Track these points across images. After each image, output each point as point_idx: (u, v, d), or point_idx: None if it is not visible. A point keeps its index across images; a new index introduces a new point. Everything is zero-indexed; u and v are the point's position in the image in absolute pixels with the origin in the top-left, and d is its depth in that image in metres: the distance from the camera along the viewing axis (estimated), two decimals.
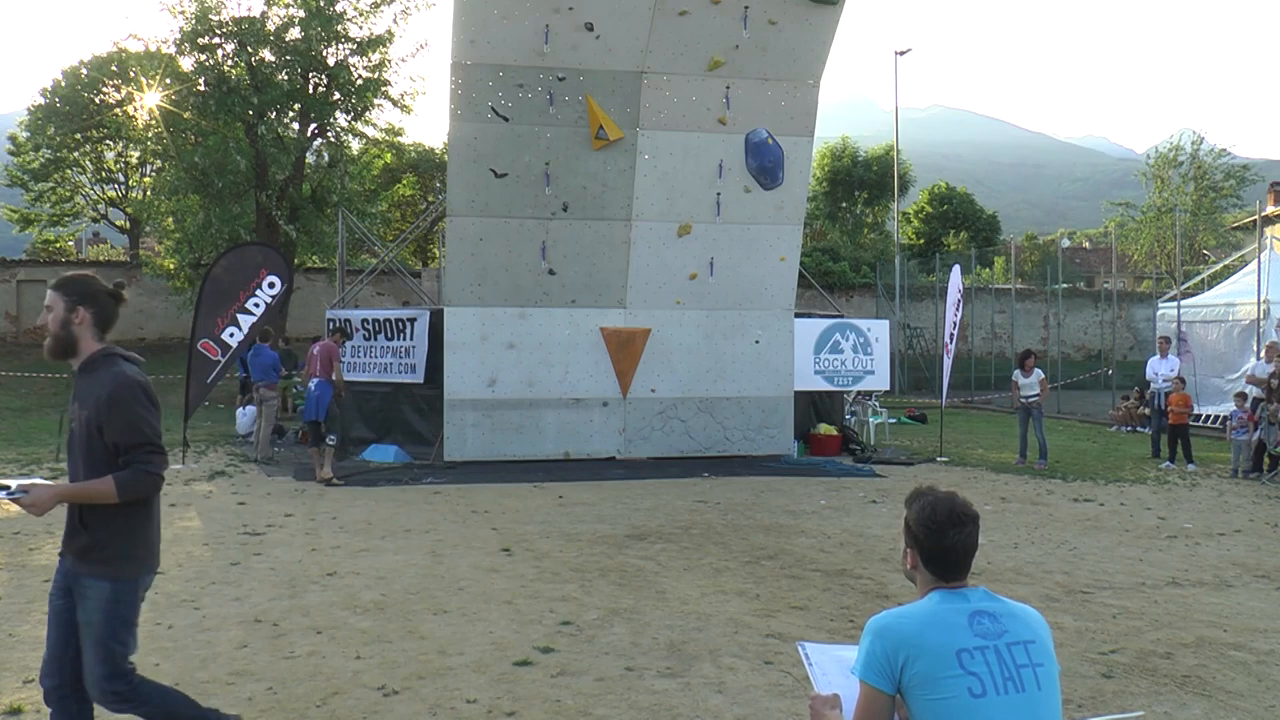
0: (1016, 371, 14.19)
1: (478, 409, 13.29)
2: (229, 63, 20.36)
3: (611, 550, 8.12)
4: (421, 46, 22.14)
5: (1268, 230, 27.84)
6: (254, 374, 13.71)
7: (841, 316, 15.94)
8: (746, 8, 12.69)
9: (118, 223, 35.48)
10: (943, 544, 2.41)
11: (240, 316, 13.09)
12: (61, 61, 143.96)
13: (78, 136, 31.37)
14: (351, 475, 12.10)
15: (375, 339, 14.20)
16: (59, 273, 3.75)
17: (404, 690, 4.86)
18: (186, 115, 20.90)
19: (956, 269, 15.88)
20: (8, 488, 3.32)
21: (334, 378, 12.09)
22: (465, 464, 12.98)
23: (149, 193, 29.39)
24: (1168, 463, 13.83)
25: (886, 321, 16.35)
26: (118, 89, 30.61)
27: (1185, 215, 36.68)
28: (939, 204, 46.23)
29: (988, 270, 38.87)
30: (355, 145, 24.64)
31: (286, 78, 20.65)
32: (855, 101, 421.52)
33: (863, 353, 15.05)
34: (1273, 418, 12.80)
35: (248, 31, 19.72)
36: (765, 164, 13.67)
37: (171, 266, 23.33)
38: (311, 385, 12.07)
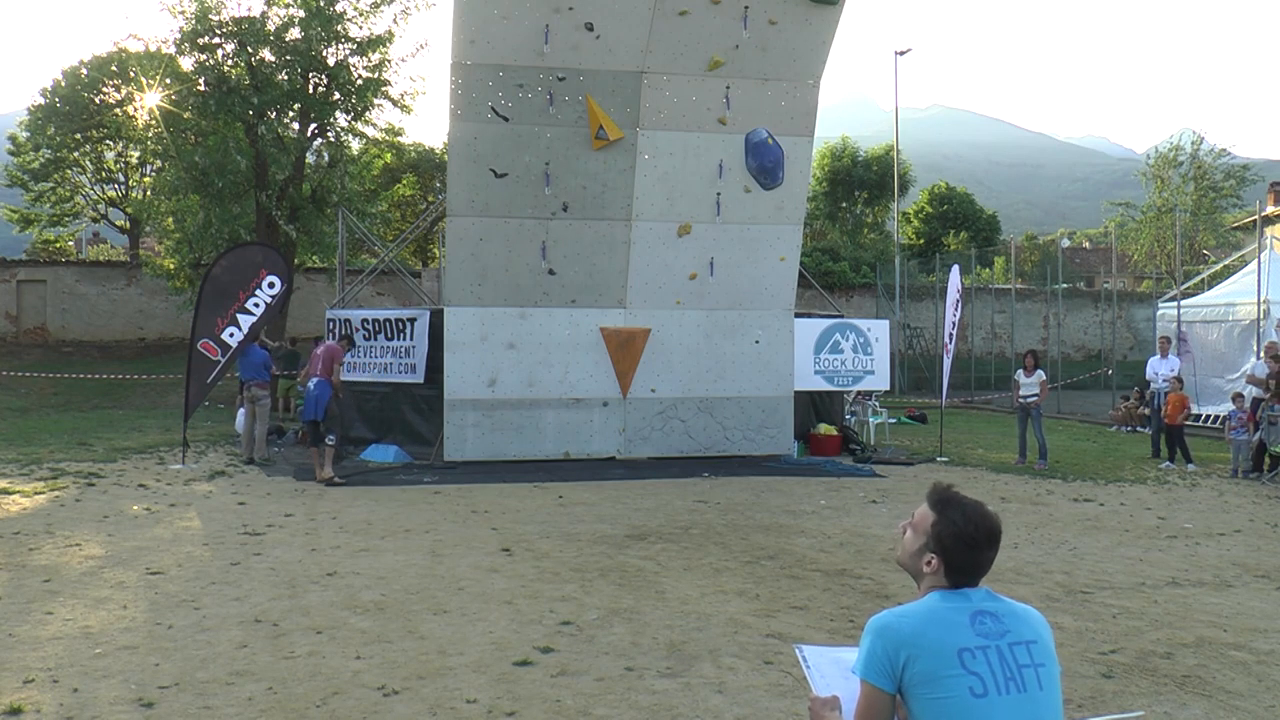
0: (1019, 371, 14.21)
1: (478, 409, 13.29)
2: (229, 63, 20.32)
3: (611, 550, 8.12)
4: (421, 46, 22.08)
5: (1268, 230, 27.83)
6: (244, 373, 13.63)
7: (841, 316, 15.93)
8: (746, 8, 12.69)
9: (118, 223, 35.45)
10: (975, 560, 2.39)
11: (240, 316, 13.09)
12: (61, 61, 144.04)
13: (78, 136, 31.34)
14: (351, 475, 12.09)
15: (375, 339, 14.20)
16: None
17: (404, 690, 4.85)
18: (186, 115, 20.87)
19: (955, 269, 15.88)
20: None
21: (333, 379, 12.05)
22: (465, 464, 12.98)
23: (149, 193, 29.35)
24: (1168, 463, 13.83)
25: (886, 321, 16.34)
26: (118, 89, 30.57)
27: (1185, 215, 36.69)
28: (939, 204, 46.20)
29: (988, 270, 38.86)
30: (355, 145, 24.59)
31: (286, 78, 20.61)
32: (855, 101, 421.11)
33: (863, 353, 15.05)
34: (1273, 417, 12.80)
35: (248, 31, 19.69)
36: (765, 164, 13.67)
37: (171, 266, 23.30)
38: (311, 385, 12.06)
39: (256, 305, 13.19)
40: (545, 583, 7.00)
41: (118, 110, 29.55)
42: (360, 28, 20.99)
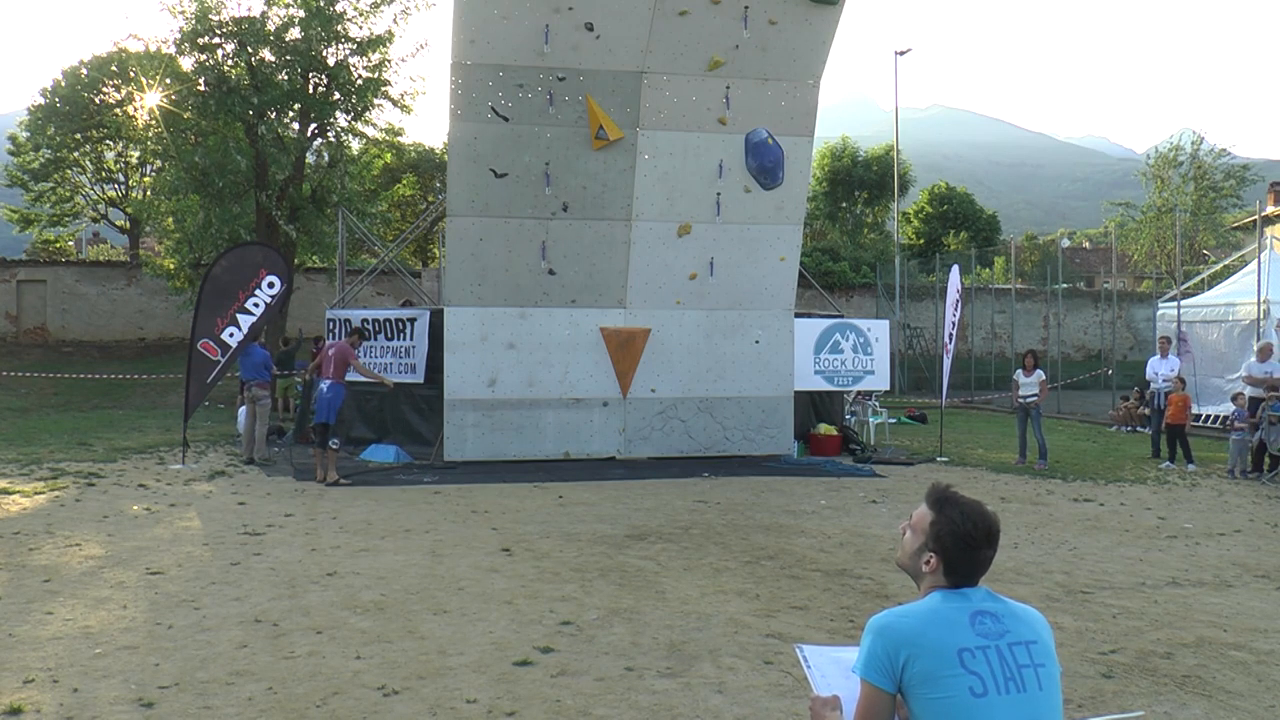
0: (1018, 371, 14.22)
1: (478, 409, 13.29)
2: (229, 63, 20.31)
3: (611, 550, 8.12)
4: (421, 46, 22.07)
5: (1268, 230, 27.83)
6: (244, 373, 13.64)
7: (841, 316, 15.93)
8: (746, 8, 12.69)
9: (118, 223, 35.45)
10: (974, 559, 2.40)
11: (240, 316, 13.09)
12: (61, 61, 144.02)
13: (78, 136, 31.34)
14: (351, 475, 12.09)
15: (375, 339, 14.21)
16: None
17: (404, 690, 4.85)
18: (186, 115, 20.87)
19: (955, 269, 15.87)
20: None
21: (361, 374, 12.38)
22: (465, 464, 12.98)
23: (149, 193, 29.35)
24: (1168, 463, 13.83)
25: (886, 321, 16.35)
26: (118, 89, 30.58)
27: (1185, 215, 36.68)
28: (939, 204, 46.20)
29: (988, 270, 38.86)
30: (355, 145, 24.59)
31: (286, 78, 20.60)
32: (855, 101, 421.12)
33: (863, 353, 15.05)
34: (1273, 417, 12.79)
35: (248, 31, 19.68)
36: (765, 164, 13.67)
37: (171, 266, 23.30)
38: (324, 386, 12.03)
39: (256, 305, 13.19)
40: (545, 583, 7.00)
41: (118, 110, 29.53)
42: (360, 28, 21.00)
